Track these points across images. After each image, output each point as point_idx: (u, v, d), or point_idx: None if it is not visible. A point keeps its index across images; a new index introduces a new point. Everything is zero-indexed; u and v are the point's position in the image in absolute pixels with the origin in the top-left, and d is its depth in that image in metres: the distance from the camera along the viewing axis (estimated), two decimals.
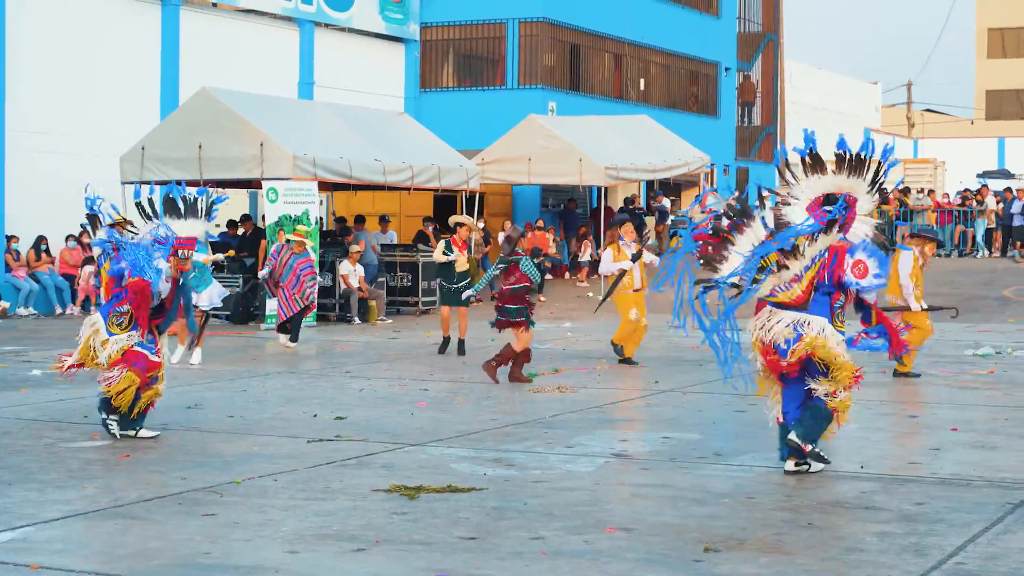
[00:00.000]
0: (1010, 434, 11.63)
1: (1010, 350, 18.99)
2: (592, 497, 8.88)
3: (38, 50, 27.49)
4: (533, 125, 31.28)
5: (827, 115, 59.21)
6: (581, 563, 7.19)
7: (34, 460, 10.30)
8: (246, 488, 9.19)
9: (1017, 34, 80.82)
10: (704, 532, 7.87)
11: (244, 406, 13.40)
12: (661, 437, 11.55)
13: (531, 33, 37.37)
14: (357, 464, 10.15)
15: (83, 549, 7.54)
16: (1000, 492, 9.05)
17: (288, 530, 7.92)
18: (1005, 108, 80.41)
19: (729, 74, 47.57)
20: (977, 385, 15.22)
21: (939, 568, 7.07)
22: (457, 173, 27.13)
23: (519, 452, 10.66)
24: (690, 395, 14.31)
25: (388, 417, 12.64)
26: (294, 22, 33.72)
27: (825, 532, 7.89)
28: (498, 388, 14.90)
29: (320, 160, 23.85)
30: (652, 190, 40.18)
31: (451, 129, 33.21)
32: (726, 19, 47.26)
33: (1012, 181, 45.97)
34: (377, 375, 16.23)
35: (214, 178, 24.49)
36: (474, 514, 8.35)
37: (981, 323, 23.45)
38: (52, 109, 27.50)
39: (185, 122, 24.45)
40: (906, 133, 72.77)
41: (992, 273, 32.40)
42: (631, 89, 41.48)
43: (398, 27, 36.77)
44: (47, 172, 27.09)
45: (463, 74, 38.81)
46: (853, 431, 11.91)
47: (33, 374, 16.17)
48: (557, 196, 37.65)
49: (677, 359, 17.84)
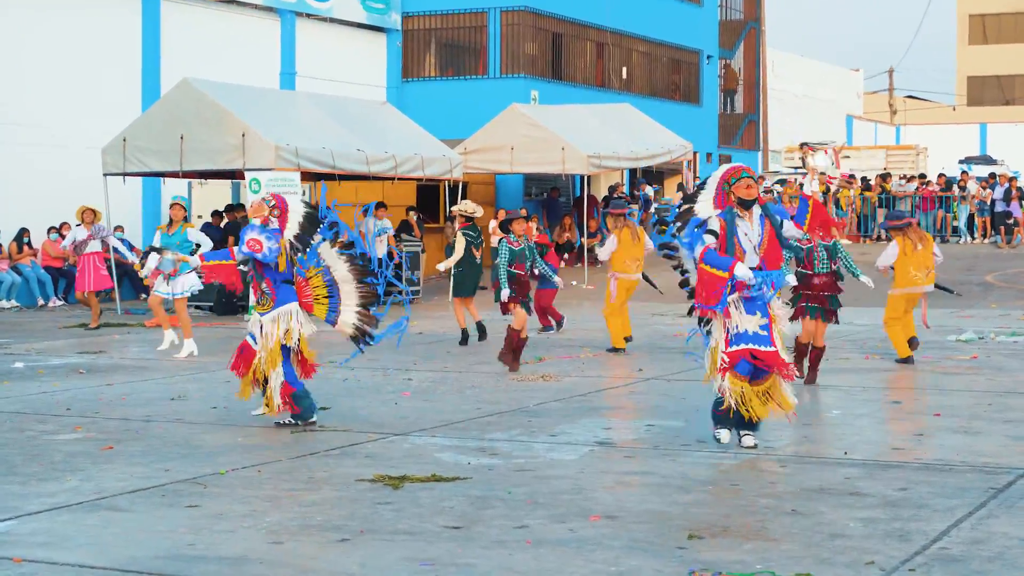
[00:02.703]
0: (993, 419, 11.66)
1: (992, 335, 19.04)
2: (576, 485, 8.89)
3: (18, 42, 27.38)
4: (515, 114, 31.24)
5: (809, 102, 59.31)
6: (565, 551, 7.19)
7: (17, 453, 10.27)
8: (230, 479, 9.18)
9: (998, 20, 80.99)
10: (688, 519, 7.88)
11: (228, 397, 13.36)
12: (645, 425, 11.56)
13: (513, 22, 37.33)
14: (341, 454, 10.14)
15: (67, 542, 7.52)
16: (983, 477, 9.08)
17: (272, 521, 7.91)
18: (987, 94, 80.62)
19: (711, 62, 47.58)
20: (960, 371, 15.26)
21: (923, 553, 7.09)
22: (440, 163, 27.10)
23: (503, 441, 10.67)
24: (674, 383, 14.32)
25: (372, 407, 12.64)
26: (275, 12, 33.62)
27: (809, 518, 7.91)
28: (482, 377, 14.89)
29: (303, 150, 23.80)
30: (635, 178, 40.20)
31: (434, 119, 33.15)
32: (708, 7, 47.26)
33: (995, 167, 46.10)
34: (361, 365, 16.20)
35: (196, 169, 24.45)
36: (458, 503, 8.35)
37: (964, 309, 23.51)
38: (33, 101, 27.39)
39: (167, 113, 24.36)
40: (888, 120, 72.91)
41: (974, 259, 32.48)
42: (613, 77, 41.47)
43: (380, 17, 36.70)
44: (29, 164, 27.01)
45: (445, 63, 38.75)
46: (836, 417, 11.96)
47: (16, 367, 16.12)
48: (540, 185, 37.63)
49: (661, 347, 17.85)
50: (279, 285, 11.39)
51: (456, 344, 18.44)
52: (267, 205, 11.28)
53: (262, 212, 11.25)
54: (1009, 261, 32.26)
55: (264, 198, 11.46)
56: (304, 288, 11.49)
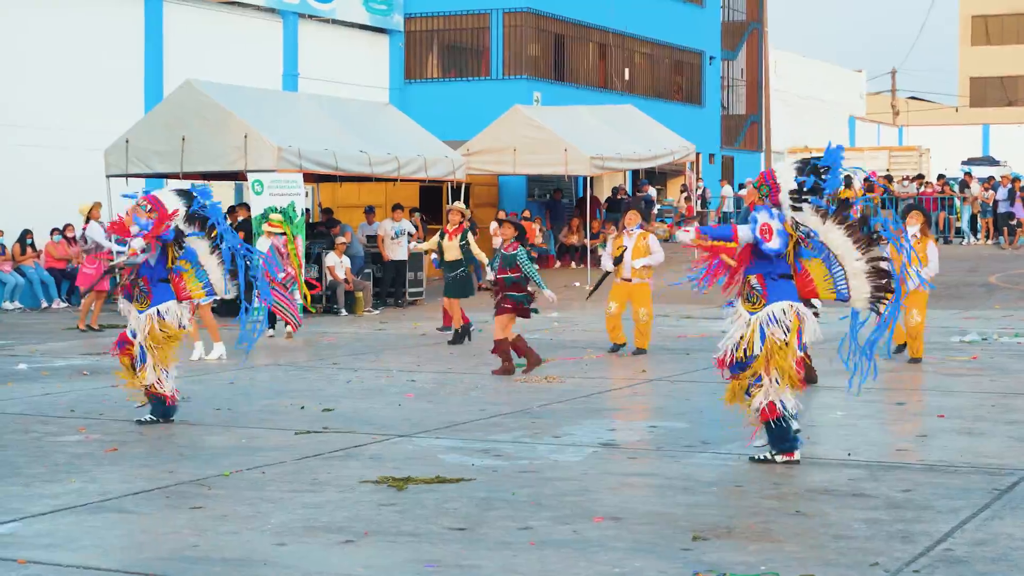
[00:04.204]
0: (996, 420, 11.65)
1: (996, 336, 19.03)
2: (580, 487, 8.88)
3: (21, 43, 27.40)
4: (518, 115, 31.23)
5: (812, 103, 59.28)
6: (569, 553, 7.19)
7: (21, 454, 10.27)
8: (234, 481, 9.18)
9: (1001, 21, 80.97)
10: (692, 520, 7.88)
11: (231, 399, 13.38)
12: (649, 426, 11.56)
13: (515, 23, 37.35)
14: (345, 456, 10.14)
15: (71, 543, 7.52)
16: (987, 478, 9.07)
17: (276, 522, 7.91)
18: (989, 95, 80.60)
19: (714, 63, 47.58)
20: (963, 371, 15.25)
21: (927, 554, 7.09)
22: (443, 164, 27.10)
23: (507, 442, 10.66)
24: (678, 384, 14.32)
25: (376, 408, 12.63)
26: (278, 13, 33.64)
27: (813, 519, 7.90)
28: (486, 379, 14.88)
29: (305, 152, 23.81)
30: (638, 179, 40.19)
31: (436, 120, 33.16)
32: (710, 8, 47.28)
33: (997, 168, 46.09)
34: (364, 366, 16.21)
35: (198, 171, 24.44)
36: (462, 505, 8.34)
37: (968, 310, 23.49)
38: (35, 102, 27.42)
39: (169, 115, 24.38)
40: (891, 121, 72.87)
41: (978, 260, 32.45)
42: (616, 79, 41.48)
43: (382, 18, 36.71)
44: (32, 166, 27.02)
45: (448, 65, 38.77)
46: (840, 419, 11.95)
47: (19, 368, 16.13)
48: (543, 186, 37.62)
49: (665, 348, 17.84)
50: (155, 283, 11.84)
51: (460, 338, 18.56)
52: (143, 210, 11.68)
53: (141, 215, 11.65)
54: (1012, 262, 32.22)
55: (139, 203, 11.80)
56: (179, 284, 11.93)
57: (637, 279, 17.07)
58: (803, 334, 9.63)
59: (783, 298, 9.60)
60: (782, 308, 9.60)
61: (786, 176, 9.56)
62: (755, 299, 9.65)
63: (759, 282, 9.63)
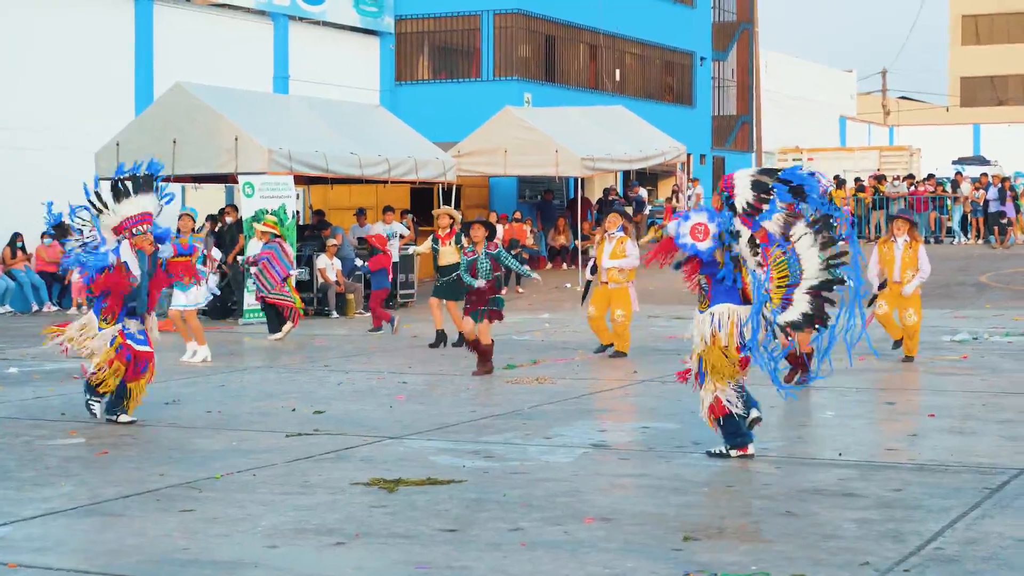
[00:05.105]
0: (987, 419, 11.68)
1: (987, 335, 19.06)
2: (571, 488, 8.89)
3: (11, 46, 27.36)
4: (509, 117, 31.24)
5: (803, 103, 59.30)
6: (560, 554, 7.19)
7: (12, 458, 10.26)
8: (225, 483, 9.17)
9: (991, 20, 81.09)
10: (683, 521, 7.89)
11: (222, 401, 13.37)
12: (640, 427, 11.56)
13: (506, 25, 37.35)
14: (336, 458, 10.14)
15: (62, 547, 7.51)
16: (977, 477, 9.09)
17: (267, 525, 7.91)
18: (980, 95, 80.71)
19: (704, 64, 47.60)
20: (954, 371, 15.28)
21: (918, 554, 7.10)
22: (434, 165, 27.11)
23: (498, 444, 10.66)
24: (668, 385, 14.31)
25: (367, 410, 12.63)
26: (268, 16, 33.63)
27: (803, 519, 7.92)
28: (477, 380, 14.89)
29: (296, 154, 23.80)
30: (629, 180, 40.21)
31: (427, 122, 33.16)
32: (701, 9, 47.29)
33: (988, 167, 46.16)
34: (355, 368, 16.21)
35: (189, 173, 24.43)
36: (453, 506, 8.35)
37: (958, 309, 23.53)
38: (26, 105, 27.39)
39: (160, 117, 24.36)
40: (882, 121, 72.97)
41: (968, 259, 32.52)
42: (607, 80, 41.49)
43: (372, 20, 36.71)
44: (22, 169, 26.99)
45: (438, 66, 38.76)
46: (830, 418, 11.97)
47: (10, 372, 16.11)
48: (534, 187, 37.64)
49: (655, 349, 17.85)
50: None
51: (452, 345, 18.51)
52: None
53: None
54: (1003, 261, 32.29)
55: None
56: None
57: (614, 283, 17.02)
58: (743, 336, 9.73)
59: (725, 300, 9.81)
60: (721, 311, 9.78)
61: (742, 184, 9.69)
62: (702, 299, 9.94)
63: (707, 282, 9.92)
